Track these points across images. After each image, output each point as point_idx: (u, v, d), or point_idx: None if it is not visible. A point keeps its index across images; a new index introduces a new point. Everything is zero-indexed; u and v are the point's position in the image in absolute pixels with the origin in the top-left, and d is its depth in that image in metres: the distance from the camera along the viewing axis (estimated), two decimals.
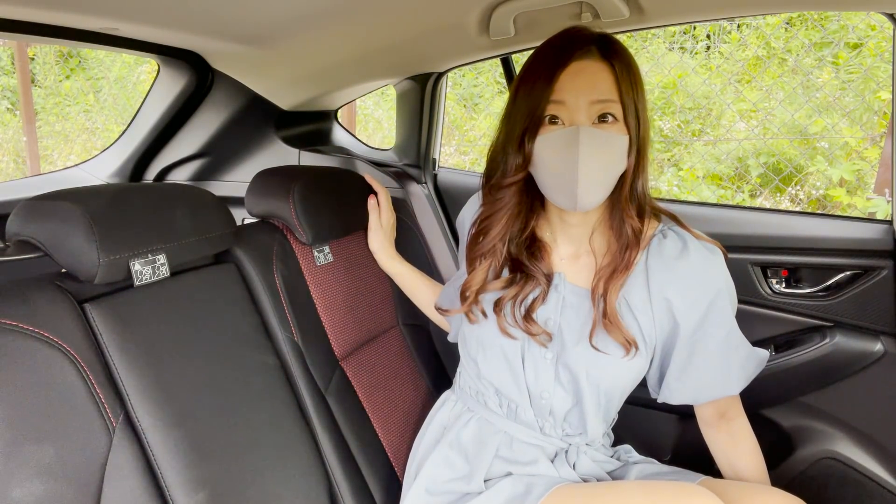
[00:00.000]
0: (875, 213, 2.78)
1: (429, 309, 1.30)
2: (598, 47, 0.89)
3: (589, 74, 0.87)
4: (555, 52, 0.89)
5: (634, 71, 0.90)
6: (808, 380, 1.37)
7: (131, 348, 0.85)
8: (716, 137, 3.80)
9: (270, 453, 0.98)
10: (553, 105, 0.88)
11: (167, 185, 1.19)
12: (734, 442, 1.03)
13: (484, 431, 1.05)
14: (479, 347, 1.04)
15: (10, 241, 0.84)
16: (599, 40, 0.90)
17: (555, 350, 0.99)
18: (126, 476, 0.79)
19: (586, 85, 0.87)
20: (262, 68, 1.59)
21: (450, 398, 1.14)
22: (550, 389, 1.00)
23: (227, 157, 1.85)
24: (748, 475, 1.01)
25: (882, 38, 3.34)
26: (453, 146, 4.54)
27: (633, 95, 0.88)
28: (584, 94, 0.87)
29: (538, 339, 0.97)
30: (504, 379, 1.02)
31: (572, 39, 0.90)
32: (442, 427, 1.11)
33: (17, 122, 5.56)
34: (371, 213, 1.34)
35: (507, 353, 1.00)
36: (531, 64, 0.92)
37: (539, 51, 0.93)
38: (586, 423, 1.01)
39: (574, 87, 0.87)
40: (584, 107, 0.87)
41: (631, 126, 0.89)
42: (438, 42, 1.44)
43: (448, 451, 1.05)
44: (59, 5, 1.08)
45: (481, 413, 1.07)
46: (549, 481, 0.97)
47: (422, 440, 1.13)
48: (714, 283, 0.95)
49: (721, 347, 0.96)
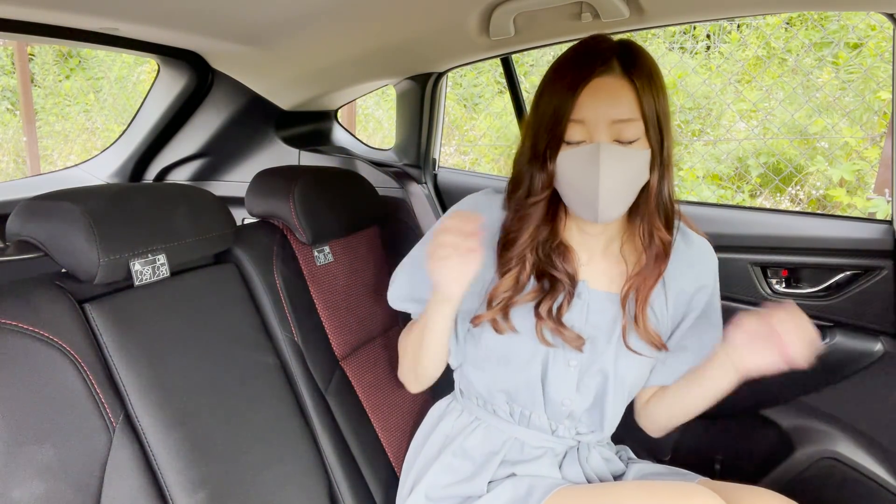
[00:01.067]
0: (875, 213, 2.78)
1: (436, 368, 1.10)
2: (619, 61, 0.87)
3: (609, 92, 0.86)
4: (577, 66, 0.88)
5: (657, 81, 0.88)
6: (808, 380, 1.36)
7: (131, 348, 0.85)
8: (716, 137, 3.80)
9: (270, 453, 0.98)
10: (573, 124, 0.87)
11: (167, 185, 1.19)
12: (663, 390, 1.06)
13: (492, 439, 1.05)
14: (499, 359, 1.02)
15: (10, 241, 0.84)
16: (621, 52, 0.88)
17: (581, 356, 0.99)
18: (126, 476, 0.79)
19: (606, 104, 0.86)
20: (262, 68, 1.59)
21: (453, 408, 1.12)
22: (572, 396, 1.00)
23: (227, 157, 1.85)
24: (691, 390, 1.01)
25: (882, 38, 3.34)
26: (453, 146, 4.54)
27: (655, 108, 0.87)
28: (603, 112, 0.86)
29: (574, 344, 0.97)
30: (520, 388, 1.02)
31: (593, 53, 0.88)
32: (444, 436, 1.10)
33: (17, 122, 5.56)
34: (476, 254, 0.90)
35: (530, 363, 1.00)
36: (553, 76, 0.91)
37: (561, 63, 0.91)
38: (604, 421, 1.03)
39: (594, 106, 0.86)
40: (605, 125, 0.86)
41: (653, 139, 0.88)
42: (438, 42, 1.44)
43: (451, 460, 1.04)
44: (59, 5, 1.08)
45: (489, 421, 1.06)
46: (551, 483, 0.97)
47: (421, 450, 1.11)
48: (714, 267, 1.04)
49: (713, 329, 1.03)
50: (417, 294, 1.06)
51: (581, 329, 0.99)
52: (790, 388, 1.39)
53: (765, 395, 1.41)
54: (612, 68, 0.86)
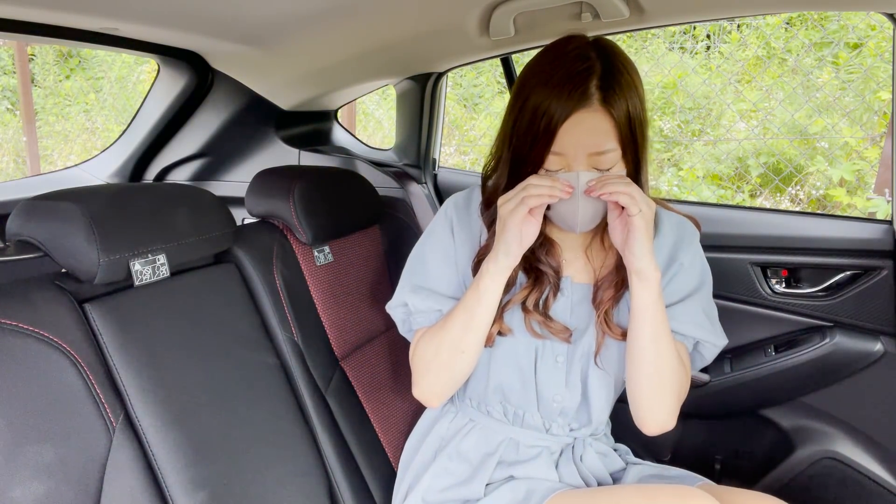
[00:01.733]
0: (875, 213, 2.78)
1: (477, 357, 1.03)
2: (599, 89, 0.85)
3: (588, 127, 0.86)
4: (556, 93, 0.86)
5: (636, 94, 0.88)
6: (808, 380, 1.37)
7: (131, 348, 0.85)
8: (716, 137, 3.80)
9: (270, 453, 0.98)
10: (552, 156, 0.89)
11: (167, 185, 1.19)
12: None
13: (487, 440, 1.05)
14: (492, 359, 1.03)
15: (10, 241, 0.84)
16: (602, 73, 0.86)
17: (567, 351, 1.00)
18: (126, 476, 0.79)
19: (586, 138, 0.87)
20: (262, 68, 1.59)
21: (448, 411, 1.12)
22: (562, 392, 1.01)
23: (227, 157, 1.86)
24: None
25: (882, 38, 3.34)
26: (453, 146, 4.54)
27: (632, 130, 0.88)
28: (583, 146, 0.87)
29: (561, 336, 0.99)
30: (513, 387, 1.02)
31: (573, 79, 0.86)
32: (440, 439, 1.10)
33: (17, 122, 5.56)
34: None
35: (521, 360, 1.01)
36: (533, 86, 0.89)
37: (541, 77, 0.89)
38: (591, 413, 1.03)
39: (573, 142, 0.87)
40: (583, 157, 0.88)
41: (630, 159, 0.90)
42: (438, 42, 1.44)
43: (447, 463, 1.05)
44: (59, 5, 1.08)
45: (484, 423, 1.06)
46: (549, 487, 0.97)
47: (416, 453, 1.11)
48: (694, 247, 1.03)
49: (704, 298, 1.02)
50: (432, 285, 1.03)
51: (566, 322, 1.00)
52: (790, 388, 1.39)
53: (765, 395, 1.42)
54: (591, 101, 0.85)
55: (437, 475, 1.04)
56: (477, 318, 0.96)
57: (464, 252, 1.04)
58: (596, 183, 0.86)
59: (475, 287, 0.95)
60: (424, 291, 1.03)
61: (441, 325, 1.01)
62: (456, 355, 0.99)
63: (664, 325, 0.93)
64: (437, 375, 1.02)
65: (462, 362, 1.00)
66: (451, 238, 1.05)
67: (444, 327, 1.00)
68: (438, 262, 1.04)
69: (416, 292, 1.03)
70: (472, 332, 0.97)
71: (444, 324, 1.00)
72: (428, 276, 1.04)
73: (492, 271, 0.93)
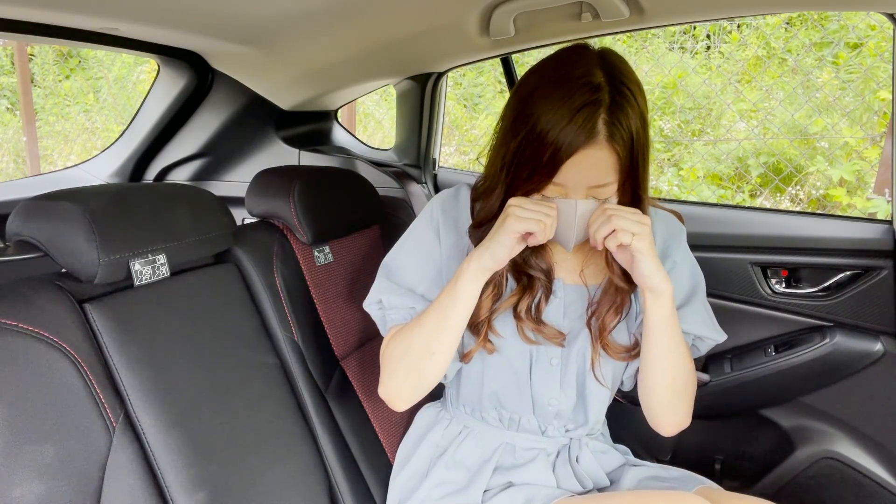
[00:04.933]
0: (875, 213, 2.78)
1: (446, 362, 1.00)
2: (607, 129, 0.83)
3: (592, 163, 0.85)
4: (561, 125, 0.83)
5: (641, 130, 0.86)
6: (808, 380, 1.37)
7: (131, 348, 0.85)
8: (716, 137, 3.80)
9: (270, 453, 0.98)
10: (553, 185, 0.87)
11: (167, 185, 1.19)
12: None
13: (484, 445, 1.04)
14: (485, 365, 1.02)
15: (10, 241, 0.84)
16: (610, 115, 0.83)
17: (561, 353, 1.00)
18: (126, 476, 0.79)
19: (588, 173, 0.86)
20: (262, 68, 1.59)
21: (443, 417, 1.11)
22: (557, 395, 1.01)
23: (227, 157, 1.86)
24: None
25: (882, 38, 3.34)
26: (453, 146, 4.54)
27: (633, 162, 0.87)
28: (584, 181, 0.86)
29: (555, 340, 0.98)
30: (509, 392, 1.02)
31: (582, 121, 0.82)
32: (434, 446, 1.08)
33: (17, 122, 5.56)
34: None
35: (515, 366, 1.00)
36: (537, 129, 0.85)
37: (548, 98, 0.85)
38: (588, 414, 1.03)
39: (575, 175, 0.85)
40: (583, 190, 0.87)
41: (629, 189, 0.90)
42: (438, 42, 1.44)
43: (444, 473, 1.04)
44: (59, 5, 1.08)
45: (479, 429, 1.06)
46: (548, 494, 0.97)
47: (409, 460, 1.10)
48: (681, 243, 1.04)
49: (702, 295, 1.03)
50: (407, 282, 1.01)
51: (559, 325, 0.99)
52: (790, 388, 1.39)
53: (765, 395, 1.42)
54: (598, 138, 0.83)
55: (434, 485, 1.03)
56: (451, 318, 0.92)
57: (448, 252, 1.01)
58: (591, 230, 0.87)
59: (451, 286, 0.92)
60: (399, 289, 1.00)
61: (414, 323, 0.97)
62: (426, 357, 0.94)
63: (679, 335, 0.94)
64: (404, 377, 0.98)
65: (431, 365, 0.95)
66: (436, 238, 1.02)
67: (416, 326, 0.96)
68: (416, 261, 1.01)
69: (390, 289, 1.00)
70: (445, 333, 0.93)
71: (416, 322, 0.96)
72: (404, 274, 1.01)
73: (473, 271, 0.90)
